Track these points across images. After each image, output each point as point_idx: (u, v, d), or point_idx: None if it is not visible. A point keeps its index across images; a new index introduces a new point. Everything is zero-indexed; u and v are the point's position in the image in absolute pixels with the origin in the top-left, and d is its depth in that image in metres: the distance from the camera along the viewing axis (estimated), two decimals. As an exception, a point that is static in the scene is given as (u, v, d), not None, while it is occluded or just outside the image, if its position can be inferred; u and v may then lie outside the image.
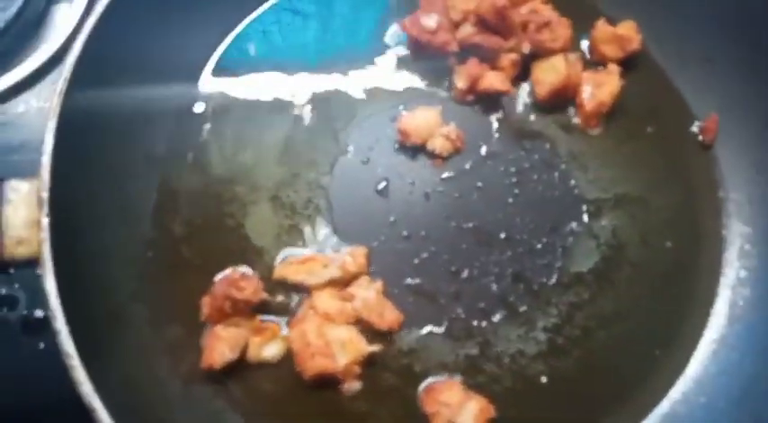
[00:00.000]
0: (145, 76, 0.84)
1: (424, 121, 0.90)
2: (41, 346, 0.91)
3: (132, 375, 0.74)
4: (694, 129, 0.97)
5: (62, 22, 1.06)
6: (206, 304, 0.79)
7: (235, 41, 0.97)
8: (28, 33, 1.04)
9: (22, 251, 0.68)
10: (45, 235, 0.66)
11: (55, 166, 0.68)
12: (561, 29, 0.94)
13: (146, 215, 0.86)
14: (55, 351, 0.89)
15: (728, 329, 0.90)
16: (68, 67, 0.72)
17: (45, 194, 0.67)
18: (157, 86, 0.88)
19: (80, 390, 0.64)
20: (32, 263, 0.68)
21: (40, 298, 0.92)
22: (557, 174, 0.93)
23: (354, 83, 0.96)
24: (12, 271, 0.92)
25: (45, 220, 0.67)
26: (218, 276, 0.83)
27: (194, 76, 0.94)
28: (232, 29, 0.97)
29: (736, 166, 0.95)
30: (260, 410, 0.81)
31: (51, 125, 0.69)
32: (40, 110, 1.02)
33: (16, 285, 0.93)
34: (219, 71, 0.96)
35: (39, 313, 0.93)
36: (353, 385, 0.81)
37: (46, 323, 0.91)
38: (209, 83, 0.95)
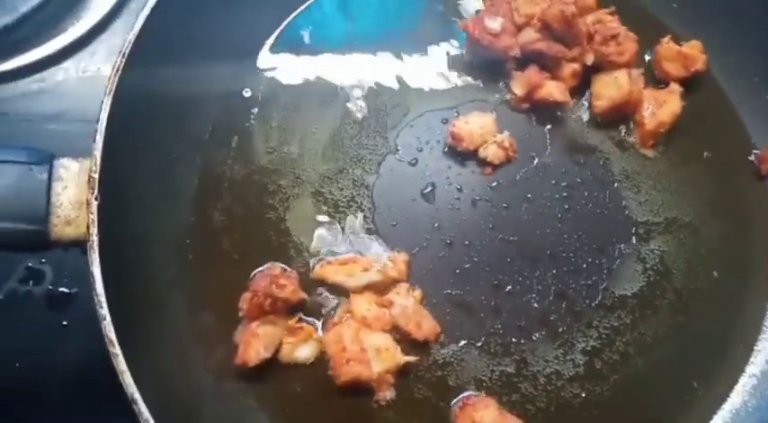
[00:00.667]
0: (199, 56, 0.82)
1: (479, 127, 0.87)
2: (65, 323, 0.90)
3: (166, 365, 0.72)
4: (752, 158, 0.94)
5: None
6: (245, 300, 0.76)
7: (290, 26, 0.94)
8: (69, 2, 1.01)
9: (69, 232, 0.66)
10: (94, 217, 0.64)
11: (107, 146, 0.66)
12: (628, 43, 0.91)
13: (188, 201, 0.84)
14: (78, 328, 0.89)
15: (770, 367, 0.87)
16: (127, 43, 0.69)
17: (96, 175, 0.65)
18: (209, 68, 0.86)
19: (121, 378, 0.62)
20: (78, 244, 0.65)
21: (66, 273, 0.91)
22: (608, 192, 0.90)
23: (409, 80, 0.93)
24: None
25: (95, 202, 0.64)
26: (257, 271, 0.81)
27: (247, 60, 0.92)
28: (290, 13, 0.93)
29: (791, 200, 0.92)
30: (288, 412, 0.79)
31: (106, 103, 0.67)
32: (79, 79, 1.01)
33: (43, 260, 0.91)
34: (272, 56, 0.93)
35: (64, 289, 0.91)
36: (386, 394, 0.79)
37: (70, 299, 0.91)
38: (260, 67, 0.92)
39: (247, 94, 0.90)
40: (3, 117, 0.96)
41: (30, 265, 0.91)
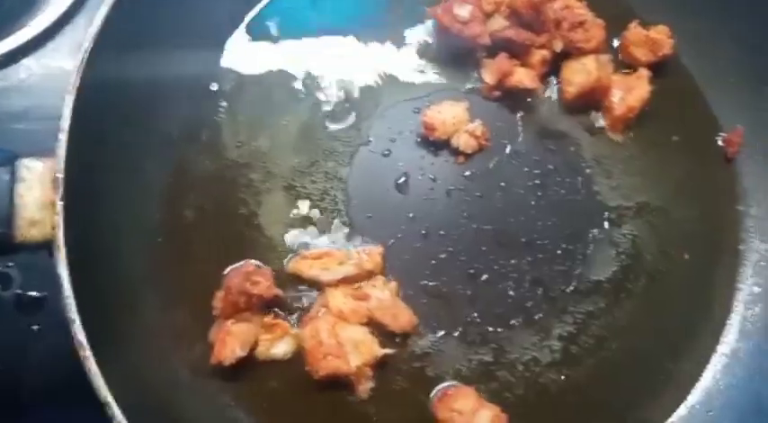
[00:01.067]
0: (163, 50, 0.80)
1: (451, 116, 0.87)
2: (35, 328, 0.88)
3: (141, 365, 0.72)
4: (719, 141, 0.95)
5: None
6: (219, 298, 0.76)
7: (257, 17, 0.93)
8: (29, -2, 0.99)
9: (34, 234, 0.65)
10: (60, 218, 0.62)
11: (71, 146, 0.64)
12: (595, 29, 0.91)
13: (157, 198, 0.83)
14: (50, 331, 0.88)
15: (740, 344, 0.89)
16: (89, 38, 0.67)
17: (61, 175, 0.63)
18: (175, 62, 0.84)
19: (91, 379, 0.60)
20: (45, 246, 0.64)
21: (35, 277, 0.89)
22: (580, 178, 0.91)
23: (378, 70, 0.92)
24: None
25: (60, 203, 0.63)
26: (230, 268, 0.80)
27: (213, 53, 0.90)
28: (256, 3, 0.92)
29: (758, 182, 0.94)
30: (266, 408, 0.79)
31: (69, 100, 0.65)
32: (43, 76, 0.99)
33: (10, 263, 0.90)
34: (239, 48, 0.91)
35: (33, 293, 0.89)
36: (365, 387, 0.78)
37: (41, 303, 0.89)
38: (227, 60, 0.90)
39: (214, 87, 0.89)
40: (-38, 116, 0.94)
41: (-5, 269, 0.89)
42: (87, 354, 0.61)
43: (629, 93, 0.92)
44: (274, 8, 0.93)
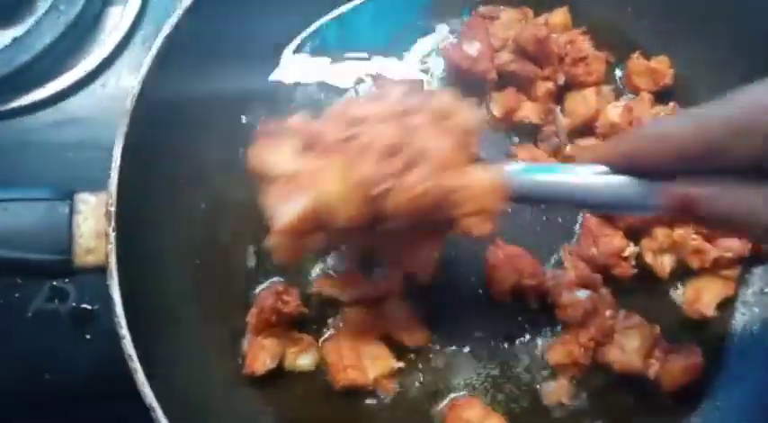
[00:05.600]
0: (203, 83, 0.89)
1: (461, 147, 0.94)
2: (88, 337, 0.98)
3: (181, 374, 0.79)
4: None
5: (114, 24, 1.11)
6: (253, 315, 0.84)
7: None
8: (83, 36, 1.09)
9: (90, 259, 0.74)
10: (112, 246, 0.72)
11: (121, 181, 0.74)
12: (596, 64, 0.97)
13: (197, 224, 0.91)
14: (100, 341, 0.98)
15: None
16: (137, 84, 0.77)
17: (113, 208, 0.73)
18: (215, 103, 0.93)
19: (140, 390, 0.69)
20: (98, 270, 0.73)
21: (88, 292, 0.99)
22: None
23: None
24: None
25: (112, 233, 0.72)
26: (260, 288, 0.89)
27: (252, 81, 1.00)
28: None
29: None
30: (292, 414, 0.87)
31: (119, 142, 0.75)
32: (92, 110, 1.08)
33: (66, 280, 0.99)
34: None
35: (86, 306, 0.99)
36: (382, 397, 0.86)
37: (92, 315, 0.99)
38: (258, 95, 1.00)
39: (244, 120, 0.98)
40: (26, 147, 1.05)
41: (54, 284, 0.99)
42: (136, 366, 0.70)
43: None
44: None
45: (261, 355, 0.83)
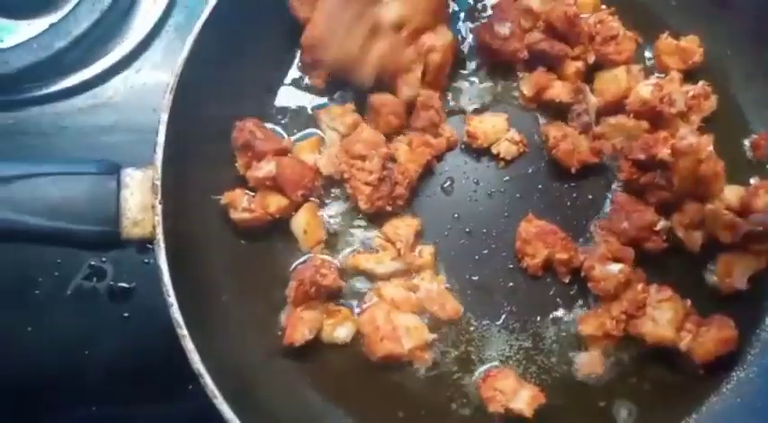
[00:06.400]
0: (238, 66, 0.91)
1: (491, 126, 0.96)
2: (126, 314, 1.01)
3: (223, 344, 0.82)
4: (746, 143, 1.01)
5: (147, 11, 1.13)
6: (292, 288, 0.86)
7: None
8: (117, 23, 1.12)
9: (137, 231, 0.76)
10: (159, 218, 0.74)
11: (166, 157, 0.76)
12: (627, 42, 0.98)
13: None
14: (138, 318, 1.00)
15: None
16: (179, 64, 0.79)
17: (158, 182, 0.75)
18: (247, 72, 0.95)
19: (189, 356, 0.72)
20: (145, 242, 0.76)
21: (125, 270, 1.02)
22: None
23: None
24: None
25: (159, 205, 0.74)
26: (296, 262, 0.91)
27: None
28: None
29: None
30: (329, 384, 0.89)
31: (164, 118, 0.77)
32: (127, 94, 1.11)
33: (104, 258, 1.02)
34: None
35: (124, 284, 1.02)
36: (417, 368, 0.88)
37: (130, 293, 1.02)
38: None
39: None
40: (64, 130, 1.08)
41: (92, 263, 1.02)
42: (184, 332, 0.72)
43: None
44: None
45: (299, 326, 0.85)
